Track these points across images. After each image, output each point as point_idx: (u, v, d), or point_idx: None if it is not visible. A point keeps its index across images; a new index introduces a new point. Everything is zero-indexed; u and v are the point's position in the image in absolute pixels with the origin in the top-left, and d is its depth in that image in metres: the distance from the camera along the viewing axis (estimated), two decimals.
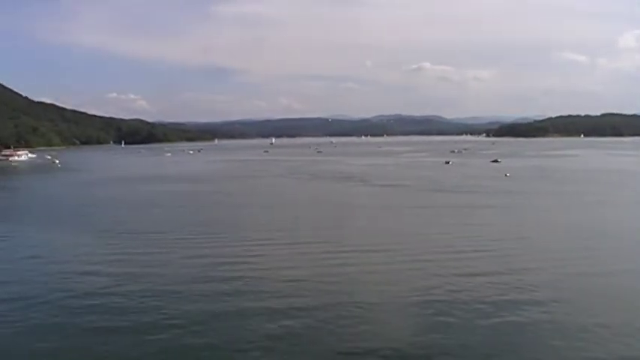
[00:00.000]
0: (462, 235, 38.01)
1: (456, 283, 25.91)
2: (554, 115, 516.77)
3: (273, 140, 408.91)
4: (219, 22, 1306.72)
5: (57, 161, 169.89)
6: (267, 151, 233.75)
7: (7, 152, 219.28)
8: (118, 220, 47.53)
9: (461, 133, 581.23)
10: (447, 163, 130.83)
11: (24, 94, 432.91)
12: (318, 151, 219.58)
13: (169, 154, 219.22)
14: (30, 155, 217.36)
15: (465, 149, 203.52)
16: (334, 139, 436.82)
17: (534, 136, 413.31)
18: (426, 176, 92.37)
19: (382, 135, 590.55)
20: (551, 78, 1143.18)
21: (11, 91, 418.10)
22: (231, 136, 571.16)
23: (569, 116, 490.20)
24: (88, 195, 71.60)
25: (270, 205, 57.02)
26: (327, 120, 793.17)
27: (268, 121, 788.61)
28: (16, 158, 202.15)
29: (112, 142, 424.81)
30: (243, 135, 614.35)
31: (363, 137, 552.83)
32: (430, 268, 29.06)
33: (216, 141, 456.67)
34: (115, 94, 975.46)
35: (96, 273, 28.87)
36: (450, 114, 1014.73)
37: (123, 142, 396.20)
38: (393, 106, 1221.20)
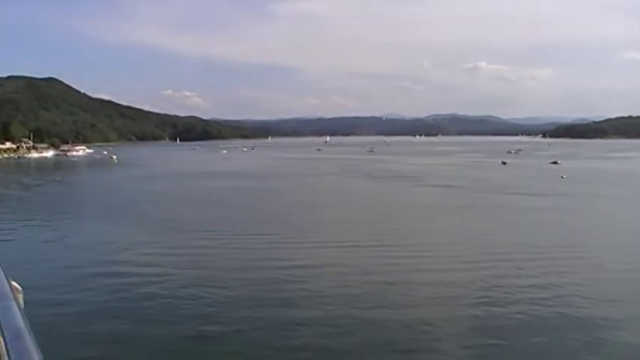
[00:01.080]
0: (520, 241, 36.73)
1: (516, 292, 25.07)
2: (613, 116, 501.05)
3: (328, 138, 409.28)
4: (274, 20, 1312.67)
5: (114, 157, 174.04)
6: (319, 149, 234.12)
7: (65, 147, 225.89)
8: (171, 216, 48.14)
9: (517, 134, 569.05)
10: (504, 163, 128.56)
11: (82, 91, 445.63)
12: (370, 150, 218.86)
13: (225, 151, 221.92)
14: (87, 150, 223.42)
15: (520, 150, 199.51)
16: (388, 139, 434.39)
17: (592, 137, 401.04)
18: (482, 177, 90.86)
19: (437, 135, 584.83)
20: (611, 78, 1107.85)
21: (70, 88, 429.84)
22: (285, 134, 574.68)
23: (630, 117, 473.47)
24: (144, 190, 72.87)
25: (322, 204, 56.93)
26: (380, 119, 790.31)
27: (321, 119, 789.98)
28: (74, 153, 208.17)
29: (167, 138, 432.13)
30: (296, 133, 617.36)
31: (417, 137, 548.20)
32: (487, 273, 28.26)
33: (269, 139, 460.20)
34: (170, 92, 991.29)
35: (146, 269, 29.27)
36: (506, 114, 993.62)
37: (178, 139, 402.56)
38: (448, 106, 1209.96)
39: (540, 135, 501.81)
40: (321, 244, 35.61)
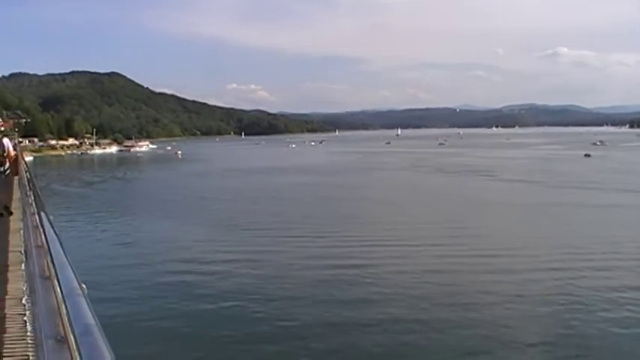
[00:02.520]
0: (606, 243, 34.87)
1: (601, 300, 24.07)
2: None
3: (400, 131, 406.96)
4: (341, 8, 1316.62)
5: (179, 152, 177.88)
6: (389, 143, 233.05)
7: (129, 143, 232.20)
8: (237, 214, 48.71)
9: (601, 124, 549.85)
10: (587, 156, 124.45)
11: (145, 85, 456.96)
12: (441, 143, 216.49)
13: (294, 145, 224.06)
14: (151, 146, 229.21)
15: (604, 142, 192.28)
16: (461, 131, 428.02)
17: None
18: (563, 171, 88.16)
19: (513, 126, 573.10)
20: None
21: (133, 82, 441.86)
22: (354, 127, 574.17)
23: None
24: (209, 186, 74.05)
25: (391, 201, 56.58)
26: (454, 110, 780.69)
27: (392, 111, 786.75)
28: (138, 149, 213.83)
29: (232, 132, 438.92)
30: (365, 126, 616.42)
31: (493, 128, 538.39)
32: (565, 277, 27.22)
33: (337, 132, 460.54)
34: (235, 85, 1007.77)
35: (209, 267, 29.65)
36: (589, 103, 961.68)
37: (243, 133, 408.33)
38: (525, 95, 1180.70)
39: (627, 125, 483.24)
40: (391, 243, 35.20)
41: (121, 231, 41.62)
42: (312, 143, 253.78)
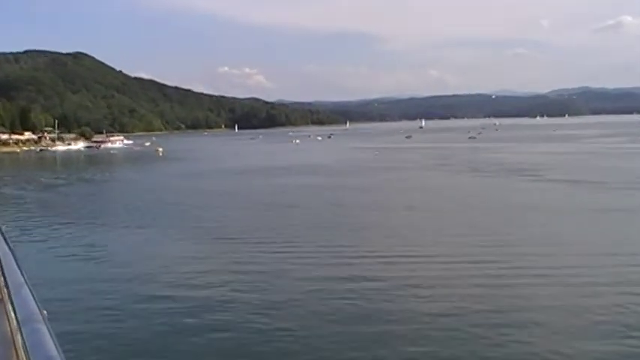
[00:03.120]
0: None
1: None
2: None
3: (423, 123, 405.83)
4: None
5: (160, 149, 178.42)
6: (409, 137, 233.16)
7: (98, 138, 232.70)
8: (229, 223, 48.72)
9: None
10: None
11: (118, 69, 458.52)
12: (472, 137, 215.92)
13: (298, 141, 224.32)
14: (126, 142, 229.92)
15: None
16: (498, 121, 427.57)
17: None
18: (625, 169, 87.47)
19: (563, 115, 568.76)
20: None
21: (103, 65, 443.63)
22: (368, 118, 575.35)
23: None
24: (196, 190, 74.14)
25: (414, 207, 56.01)
26: (489, 97, 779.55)
27: (413, 99, 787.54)
28: (110, 145, 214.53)
29: (223, 125, 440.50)
30: (382, 117, 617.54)
31: (537, 118, 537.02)
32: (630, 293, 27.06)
33: (347, 124, 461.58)
34: (226, 68, 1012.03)
35: (197, 291, 29.43)
36: None
37: (237, 126, 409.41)
38: (578, 77, 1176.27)
39: None
40: (417, 261, 34.56)
41: (89, 245, 41.32)
42: (319, 138, 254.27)
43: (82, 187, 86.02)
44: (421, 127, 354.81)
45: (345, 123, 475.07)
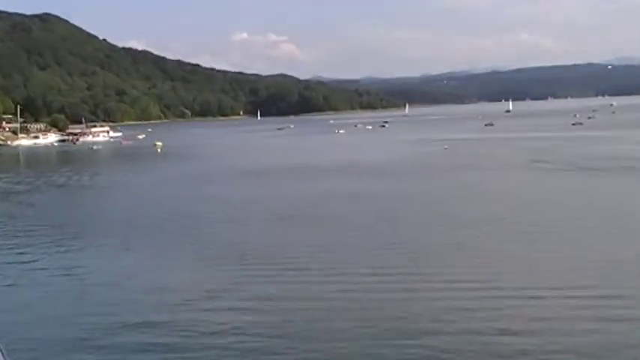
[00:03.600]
0: None
1: None
2: None
3: (510, 105, 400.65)
4: None
5: (158, 143, 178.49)
6: (491, 124, 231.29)
7: (75, 130, 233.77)
8: (247, 243, 48.48)
9: None
10: None
11: (101, 37, 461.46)
12: (576, 123, 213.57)
13: (342, 131, 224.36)
14: (113, 134, 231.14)
15: None
16: (615, 101, 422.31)
17: None
18: None
19: None
20: None
21: (81, 31, 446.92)
22: (435, 100, 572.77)
23: None
24: (204, 199, 74.43)
25: (496, 221, 55.23)
26: (604, 67, 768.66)
27: (497, 72, 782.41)
28: (91, 139, 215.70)
29: (241, 112, 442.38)
30: (454, 97, 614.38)
31: None
32: None
33: (407, 109, 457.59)
34: (245, 35, 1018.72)
35: (203, 333, 29.43)
36: None
37: (259, 113, 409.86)
38: None
39: None
40: (507, 296, 33.99)
41: (59, 269, 41.79)
42: (369, 127, 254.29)
43: (52, 195, 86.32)
44: (508, 112, 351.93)
45: (404, 107, 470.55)
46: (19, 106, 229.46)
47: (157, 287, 37.06)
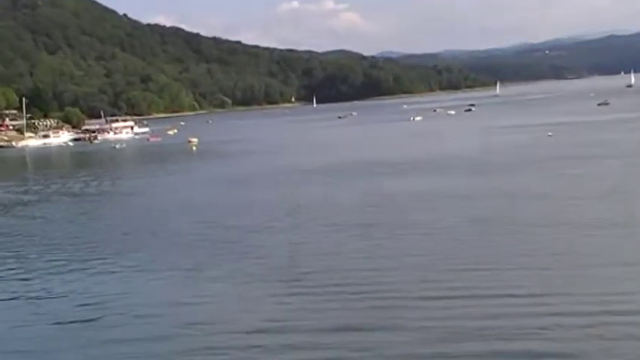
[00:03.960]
0: None
1: None
2: None
3: (632, 79, 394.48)
4: None
5: (193, 140, 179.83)
6: (605, 103, 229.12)
7: (93, 125, 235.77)
8: (308, 257, 47.88)
9: None
10: None
11: (122, 12, 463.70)
12: None
13: (419, 118, 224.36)
14: (138, 130, 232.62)
15: None
16: None
17: None
18: None
19: None
20: None
21: (97, 5, 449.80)
22: (533, 76, 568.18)
23: None
24: (250, 205, 73.86)
25: (621, 225, 54.18)
26: None
27: (614, 37, 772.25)
28: (112, 136, 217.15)
29: (293, 98, 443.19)
30: (557, 72, 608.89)
31: None
32: None
33: (498, 88, 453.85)
34: (295, 4, 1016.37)
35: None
36: None
37: (315, 99, 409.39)
38: None
39: None
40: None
41: (73, 298, 41.41)
42: (451, 112, 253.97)
43: (65, 206, 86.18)
44: (630, 86, 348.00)
45: (495, 85, 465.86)
46: (24, 100, 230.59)
47: (198, 319, 36.14)
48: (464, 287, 38.27)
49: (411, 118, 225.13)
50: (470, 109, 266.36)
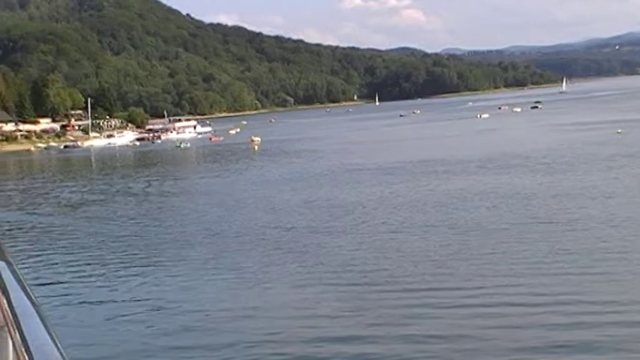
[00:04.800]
0: None
1: None
2: None
3: None
4: None
5: (255, 139, 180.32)
6: None
7: (156, 125, 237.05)
8: (370, 258, 47.43)
9: None
10: None
11: (185, 12, 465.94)
12: None
13: (486, 115, 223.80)
14: (201, 129, 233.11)
15: None
16: None
17: None
18: None
19: None
20: None
21: (160, 5, 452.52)
22: (601, 72, 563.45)
23: None
24: (310, 206, 73.76)
25: None
26: None
27: None
28: (174, 135, 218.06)
29: (355, 96, 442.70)
30: (631, 67, 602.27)
31: None
32: None
33: (564, 84, 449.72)
34: (358, 1, 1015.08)
35: None
36: None
37: (377, 96, 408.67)
38: None
39: None
40: None
41: (137, 296, 42.05)
42: (517, 109, 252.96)
43: (129, 205, 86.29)
44: None
45: (561, 81, 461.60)
46: (89, 100, 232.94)
47: (262, 326, 35.62)
48: (530, 293, 37.34)
49: (478, 116, 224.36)
50: (536, 107, 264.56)
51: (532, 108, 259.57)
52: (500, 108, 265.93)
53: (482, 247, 49.15)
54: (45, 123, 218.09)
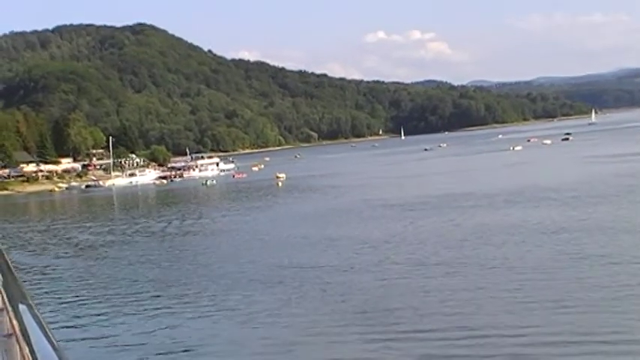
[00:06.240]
0: None
1: None
2: None
3: None
4: None
5: (280, 175, 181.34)
6: None
7: (178, 162, 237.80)
8: (387, 292, 47.59)
9: None
10: None
11: (206, 48, 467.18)
12: None
13: (519, 147, 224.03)
14: (224, 166, 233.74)
15: None
16: None
17: None
18: None
19: None
20: None
21: (182, 42, 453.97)
22: (633, 102, 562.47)
23: None
24: (334, 242, 73.26)
25: None
26: None
27: None
28: (197, 174, 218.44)
29: (380, 131, 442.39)
30: None
31: None
32: None
33: (594, 115, 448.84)
34: (381, 34, 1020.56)
35: None
36: None
37: (403, 130, 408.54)
38: None
39: None
40: None
41: (157, 338, 42.04)
42: (547, 142, 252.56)
43: (150, 245, 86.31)
44: None
45: (591, 113, 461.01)
46: (111, 138, 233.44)
47: None
48: (560, 332, 37.16)
49: (511, 148, 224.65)
50: (567, 138, 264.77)
51: (563, 140, 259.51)
52: (529, 140, 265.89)
53: (504, 282, 49.08)
54: (66, 163, 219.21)
